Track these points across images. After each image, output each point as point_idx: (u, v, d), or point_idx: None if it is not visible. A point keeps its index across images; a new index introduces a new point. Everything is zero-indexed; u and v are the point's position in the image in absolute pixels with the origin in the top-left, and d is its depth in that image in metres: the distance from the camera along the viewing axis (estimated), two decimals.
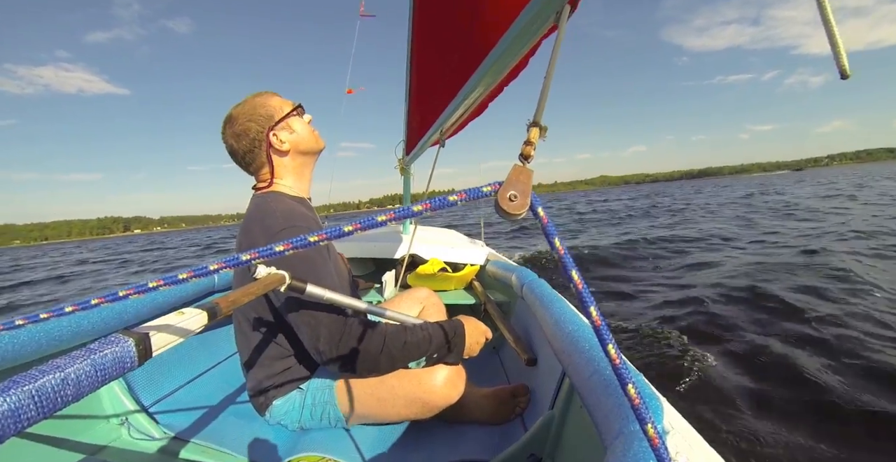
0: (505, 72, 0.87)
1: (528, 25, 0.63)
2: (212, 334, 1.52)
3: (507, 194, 0.35)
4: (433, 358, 0.97)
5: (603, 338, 0.36)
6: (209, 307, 0.46)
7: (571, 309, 0.99)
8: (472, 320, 1.06)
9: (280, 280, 0.69)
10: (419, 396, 0.97)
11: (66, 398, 0.28)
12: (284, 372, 1.01)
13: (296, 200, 1.04)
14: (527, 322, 1.37)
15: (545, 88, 0.46)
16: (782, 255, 4.69)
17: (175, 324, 0.40)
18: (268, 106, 1.03)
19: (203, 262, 0.42)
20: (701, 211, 12.73)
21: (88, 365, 0.30)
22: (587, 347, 0.72)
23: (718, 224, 8.62)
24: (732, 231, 7.29)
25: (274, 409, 1.02)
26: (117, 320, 1.08)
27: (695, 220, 10.11)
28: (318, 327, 0.88)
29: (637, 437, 0.46)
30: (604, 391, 0.58)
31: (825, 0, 0.33)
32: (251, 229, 0.95)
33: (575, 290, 0.36)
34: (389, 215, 0.36)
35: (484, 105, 1.61)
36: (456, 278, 1.99)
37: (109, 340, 0.33)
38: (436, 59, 1.52)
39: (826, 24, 0.33)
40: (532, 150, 0.40)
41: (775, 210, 10.57)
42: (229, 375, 1.41)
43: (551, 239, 0.36)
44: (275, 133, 1.02)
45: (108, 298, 0.40)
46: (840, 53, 0.33)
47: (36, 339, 0.89)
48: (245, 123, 1.01)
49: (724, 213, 11.09)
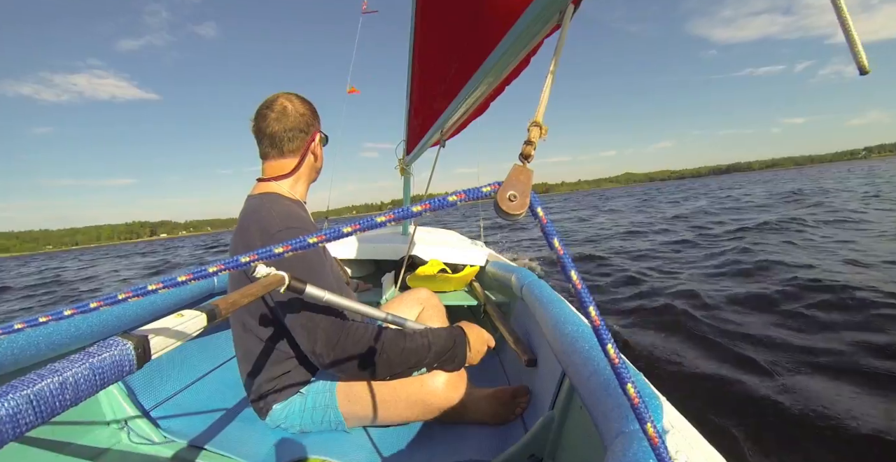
0: (507, 71, 0.87)
1: (531, 24, 0.63)
2: (212, 338, 1.52)
3: (507, 194, 0.35)
4: (433, 366, 0.97)
5: (602, 338, 0.36)
6: (208, 309, 0.45)
7: (571, 309, 0.99)
8: (475, 328, 1.05)
9: (280, 281, 0.68)
10: (421, 398, 0.97)
11: (64, 402, 0.28)
12: (284, 375, 1.01)
13: (293, 202, 1.04)
14: (526, 323, 1.37)
15: (547, 88, 0.46)
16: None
17: (174, 326, 0.40)
18: (318, 116, 1.13)
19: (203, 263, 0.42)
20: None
21: (87, 369, 0.30)
22: (587, 348, 0.72)
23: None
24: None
25: (274, 413, 1.01)
26: (116, 323, 1.08)
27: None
28: (316, 331, 0.88)
29: (637, 437, 0.46)
30: (603, 391, 0.58)
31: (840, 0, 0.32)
32: (248, 230, 0.94)
33: (574, 290, 0.36)
34: (389, 216, 0.36)
35: (485, 104, 1.61)
36: (456, 279, 1.99)
37: (108, 344, 0.33)
38: (438, 58, 1.52)
39: (841, 20, 0.33)
40: (532, 150, 0.40)
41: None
42: (229, 379, 1.40)
43: (550, 239, 0.36)
44: (321, 136, 1.12)
45: (107, 301, 0.40)
46: (858, 50, 0.33)
47: (35, 343, 0.88)
48: (307, 110, 1.07)
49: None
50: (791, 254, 4.52)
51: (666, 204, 17.71)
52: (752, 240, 5.65)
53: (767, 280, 3.59)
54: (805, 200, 11.25)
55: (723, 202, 14.44)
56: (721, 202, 14.53)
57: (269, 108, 1.04)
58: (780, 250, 4.78)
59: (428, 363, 0.95)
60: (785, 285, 3.29)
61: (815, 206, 9.37)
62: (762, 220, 7.47)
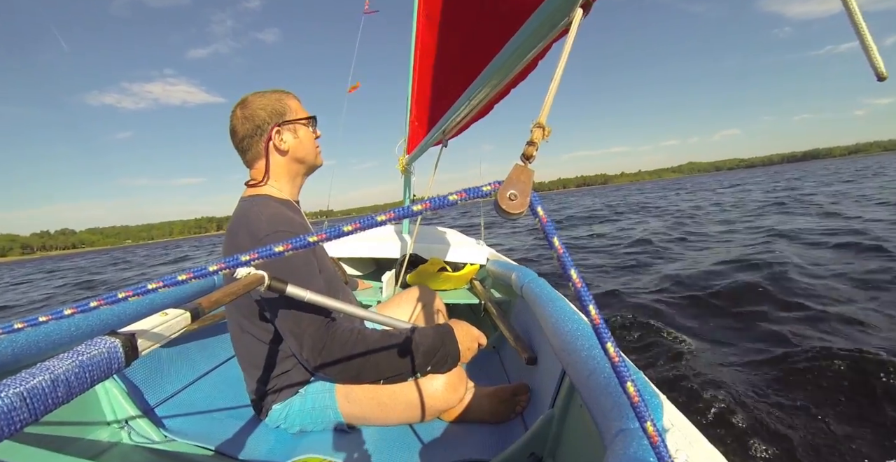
0: (512, 74, 0.86)
1: (538, 29, 0.62)
2: (211, 337, 1.52)
3: (507, 193, 0.35)
4: (427, 371, 0.95)
5: (602, 336, 0.36)
6: (192, 307, 0.47)
7: (571, 308, 0.99)
8: (464, 325, 1.02)
9: (259, 280, 0.69)
10: (420, 401, 0.97)
11: (57, 399, 0.29)
12: (282, 376, 1.01)
13: (283, 204, 1.04)
14: (527, 321, 1.37)
15: (552, 91, 0.46)
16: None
17: (159, 324, 0.41)
18: (283, 104, 1.04)
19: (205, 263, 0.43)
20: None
21: (77, 366, 0.31)
22: (587, 346, 0.72)
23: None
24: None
25: (274, 412, 1.02)
26: (116, 322, 1.08)
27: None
28: (303, 336, 0.88)
29: (637, 435, 0.46)
30: (604, 389, 0.58)
31: (851, 1, 0.32)
32: (237, 234, 0.94)
33: (574, 288, 0.36)
34: (389, 215, 0.36)
35: (490, 106, 1.61)
36: (456, 278, 1.99)
37: (96, 342, 0.34)
38: (440, 59, 1.51)
39: (855, 26, 0.32)
40: (534, 151, 0.40)
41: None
42: (229, 378, 1.40)
43: (550, 238, 0.36)
44: (279, 130, 1.03)
45: (107, 300, 0.40)
46: (874, 55, 0.32)
47: (34, 342, 0.88)
48: (256, 110, 1.02)
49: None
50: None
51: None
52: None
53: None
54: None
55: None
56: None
57: (237, 106, 1.04)
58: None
59: (420, 365, 0.92)
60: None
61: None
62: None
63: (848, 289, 3.10)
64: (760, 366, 2.08)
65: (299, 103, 1.08)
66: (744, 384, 1.92)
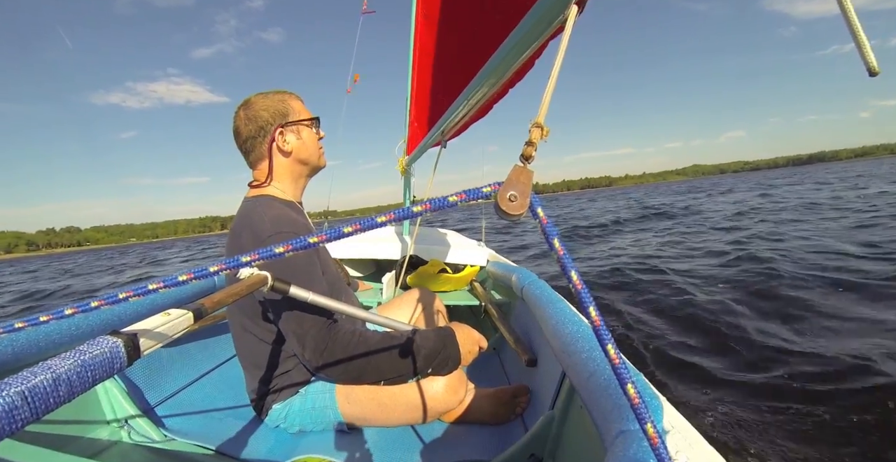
0: (509, 73, 0.86)
1: (534, 27, 0.62)
2: (212, 337, 1.52)
3: (507, 194, 0.35)
4: (427, 373, 0.96)
5: (602, 338, 0.36)
6: (194, 307, 0.46)
7: (571, 309, 0.99)
8: (465, 328, 1.02)
9: (262, 280, 0.69)
10: (420, 403, 0.97)
11: (58, 399, 0.29)
12: (283, 376, 1.01)
13: (286, 205, 1.04)
14: (527, 323, 1.37)
15: (549, 90, 0.46)
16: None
17: (161, 324, 0.41)
18: (286, 105, 1.04)
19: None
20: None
21: (79, 365, 0.31)
22: (587, 348, 0.72)
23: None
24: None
25: (274, 412, 1.02)
26: (117, 323, 1.08)
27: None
28: (305, 337, 0.88)
29: (637, 437, 0.46)
30: (604, 391, 0.58)
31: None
32: (240, 234, 0.95)
33: (574, 290, 0.36)
34: (389, 216, 0.37)
35: (488, 106, 1.61)
36: (456, 279, 1.99)
37: (98, 341, 0.34)
38: (438, 59, 1.51)
39: (848, 22, 0.32)
40: (533, 151, 0.40)
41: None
42: (230, 378, 1.40)
43: (550, 239, 0.36)
44: (282, 131, 1.03)
45: (108, 301, 0.40)
46: (866, 51, 0.32)
47: (35, 342, 0.88)
48: (259, 111, 1.02)
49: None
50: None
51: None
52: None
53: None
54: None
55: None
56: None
57: (240, 107, 1.05)
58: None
59: (420, 368, 0.93)
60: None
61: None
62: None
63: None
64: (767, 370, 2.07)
65: (302, 104, 1.08)
66: (748, 386, 1.92)
